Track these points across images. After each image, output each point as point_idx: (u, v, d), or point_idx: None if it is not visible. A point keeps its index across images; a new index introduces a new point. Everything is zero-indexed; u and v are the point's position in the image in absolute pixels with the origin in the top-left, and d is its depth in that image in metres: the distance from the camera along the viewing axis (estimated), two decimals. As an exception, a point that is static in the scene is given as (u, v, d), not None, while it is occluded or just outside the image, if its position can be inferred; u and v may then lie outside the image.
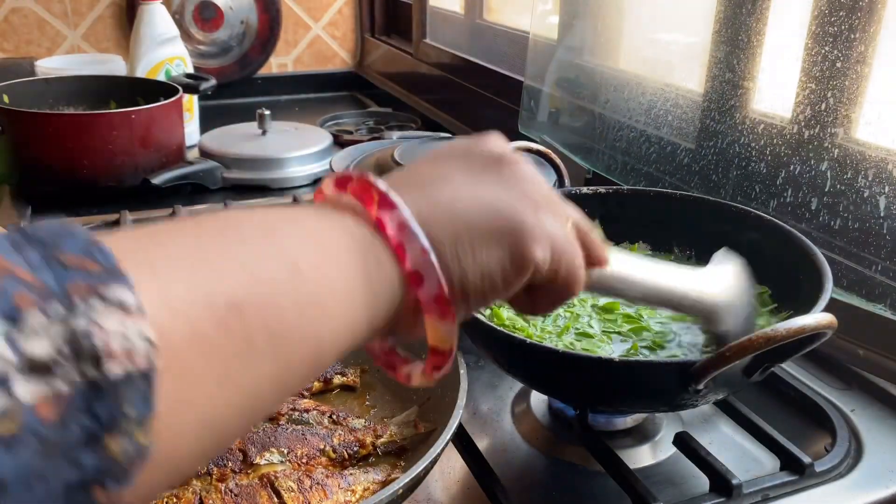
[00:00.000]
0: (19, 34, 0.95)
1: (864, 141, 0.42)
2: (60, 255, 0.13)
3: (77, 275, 0.13)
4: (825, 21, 0.43)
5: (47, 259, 0.13)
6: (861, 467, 0.34)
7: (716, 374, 0.28)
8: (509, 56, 0.81)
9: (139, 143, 0.66)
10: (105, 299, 0.13)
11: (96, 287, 0.13)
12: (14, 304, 0.12)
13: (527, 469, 0.36)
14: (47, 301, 0.13)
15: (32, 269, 0.13)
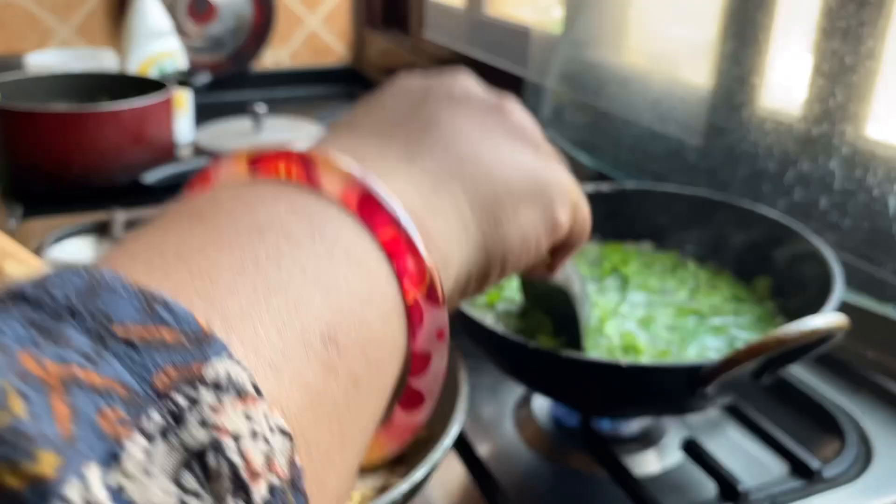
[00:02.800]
0: (9, 29, 0.94)
1: (874, 139, 0.42)
2: (118, 329, 0.09)
3: (157, 355, 0.09)
4: (834, 16, 0.42)
5: (103, 339, 0.09)
6: (871, 472, 0.34)
7: (725, 377, 0.27)
8: (511, 51, 0.80)
9: (131, 140, 0.65)
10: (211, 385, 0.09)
11: (191, 369, 0.09)
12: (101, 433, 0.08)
13: (529, 476, 0.35)
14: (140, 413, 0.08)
15: (93, 362, 0.09)
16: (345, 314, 0.12)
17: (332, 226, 0.13)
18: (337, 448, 0.12)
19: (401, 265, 0.14)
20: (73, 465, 0.07)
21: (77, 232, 0.56)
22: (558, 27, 0.67)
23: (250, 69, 1.06)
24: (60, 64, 0.82)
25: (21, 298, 0.09)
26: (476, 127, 0.18)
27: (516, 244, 0.18)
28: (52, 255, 0.53)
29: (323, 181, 0.14)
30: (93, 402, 0.08)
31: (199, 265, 0.11)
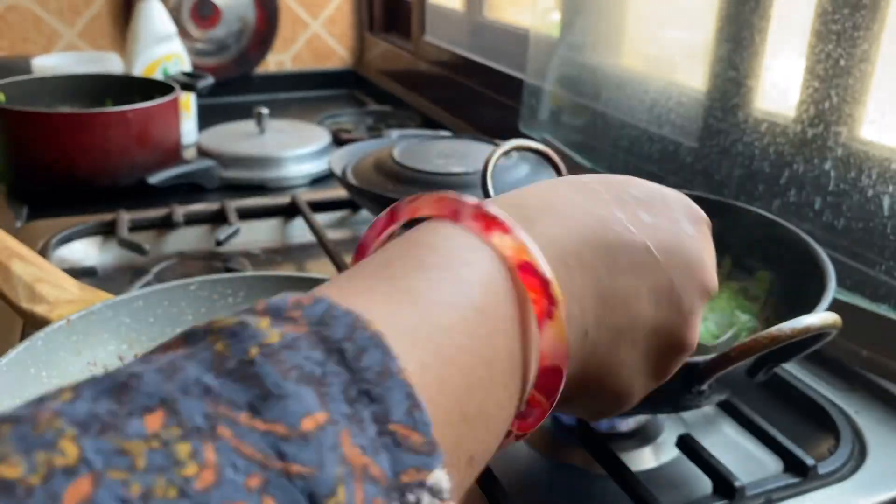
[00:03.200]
0: (15, 32, 0.95)
1: (868, 140, 0.42)
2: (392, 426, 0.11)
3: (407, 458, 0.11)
4: (829, 19, 0.43)
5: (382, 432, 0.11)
6: (865, 469, 0.34)
7: (720, 374, 0.28)
8: (510, 54, 0.81)
9: (136, 142, 0.66)
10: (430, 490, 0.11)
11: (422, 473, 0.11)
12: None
13: (528, 471, 0.35)
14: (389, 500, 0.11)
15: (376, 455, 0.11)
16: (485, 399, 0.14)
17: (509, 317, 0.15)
18: None
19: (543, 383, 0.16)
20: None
21: (82, 232, 0.57)
22: (556, 31, 0.68)
23: (253, 72, 1.06)
24: (66, 67, 0.83)
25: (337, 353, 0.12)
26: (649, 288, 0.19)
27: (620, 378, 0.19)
28: (57, 255, 0.54)
29: None
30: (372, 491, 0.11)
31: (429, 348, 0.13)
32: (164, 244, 0.59)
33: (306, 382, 0.11)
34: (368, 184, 0.55)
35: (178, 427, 0.09)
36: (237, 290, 0.38)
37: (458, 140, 0.63)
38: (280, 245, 0.61)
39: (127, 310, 0.36)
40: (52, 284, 0.38)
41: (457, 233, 0.16)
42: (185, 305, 0.37)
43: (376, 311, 0.13)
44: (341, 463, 0.10)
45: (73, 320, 0.33)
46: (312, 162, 0.73)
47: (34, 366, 0.32)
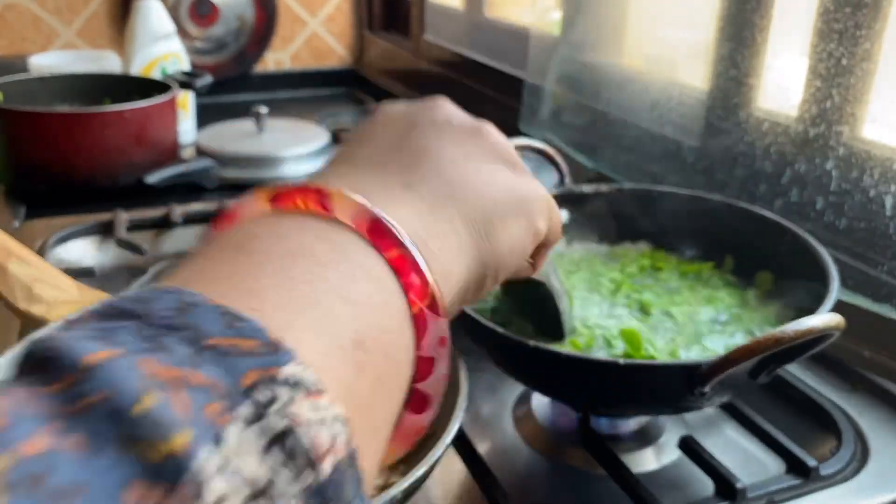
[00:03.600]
0: (13, 31, 0.94)
1: (870, 139, 0.42)
2: (208, 341, 0.11)
3: (241, 361, 0.11)
4: (830, 18, 0.42)
5: (198, 350, 0.11)
6: (867, 470, 0.34)
7: (722, 376, 0.28)
8: (511, 53, 0.81)
9: (134, 142, 0.65)
10: (285, 383, 0.11)
11: (269, 371, 0.11)
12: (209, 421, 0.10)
13: (528, 473, 0.35)
14: (235, 406, 0.11)
15: (195, 367, 0.11)
16: (368, 323, 0.14)
17: (351, 249, 0.16)
18: (368, 438, 0.14)
19: (407, 281, 0.16)
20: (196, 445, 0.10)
21: (80, 232, 0.57)
22: (557, 29, 0.68)
23: (252, 71, 1.06)
24: (64, 66, 0.82)
25: (128, 315, 0.12)
26: (461, 152, 0.20)
27: (506, 253, 0.20)
28: (55, 255, 0.54)
29: (336, 212, 0.16)
30: (200, 397, 0.11)
31: (249, 288, 0.13)
32: (162, 244, 0.59)
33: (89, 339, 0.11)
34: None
35: None
36: (236, 290, 0.38)
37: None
38: (279, 245, 0.61)
39: (125, 310, 0.35)
40: (49, 285, 0.38)
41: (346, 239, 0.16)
42: (183, 306, 0.37)
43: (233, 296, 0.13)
44: (144, 378, 0.10)
45: (70, 321, 0.33)
46: (312, 161, 0.73)
47: (31, 367, 0.32)
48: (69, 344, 0.11)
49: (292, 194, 0.16)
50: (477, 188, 0.20)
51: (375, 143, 0.20)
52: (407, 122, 0.21)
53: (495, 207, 0.20)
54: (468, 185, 0.19)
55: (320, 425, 0.11)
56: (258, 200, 0.17)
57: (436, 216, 0.18)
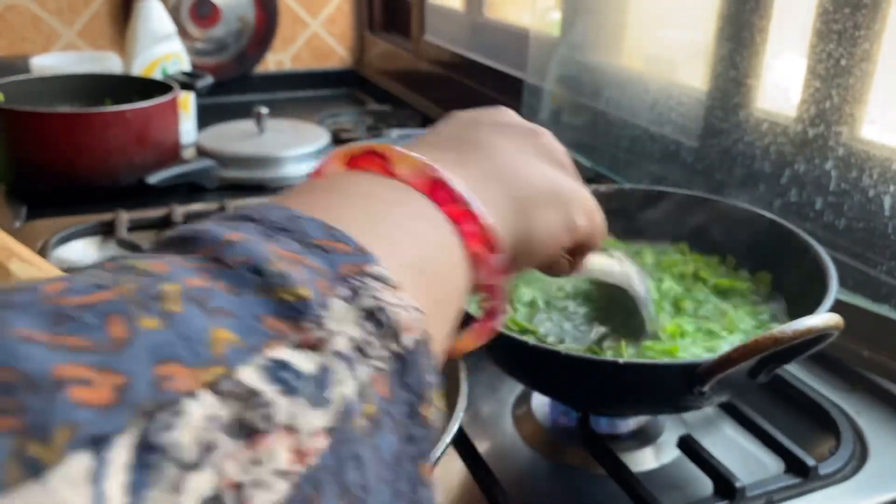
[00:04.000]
0: (14, 31, 0.95)
1: (869, 140, 0.42)
2: (314, 241, 0.14)
3: (338, 256, 0.14)
4: (829, 18, 0.43)
5: (306, 245, 0.14)
6: (866, 469, 0.34)
7: (721, 375, 0.28)
8: (510, 53, 0.81)
9: (135, 142, 0.65)
10: (372, 276, 0.14)
11: (360, 266, 0.14)
12: (321, 292, 0.13)
13: (528, 472, 0.35)
14: (336, 285, 0.13)
15: (305, 255, 0.14)
16: (427, 255, 0.17)
17: (413, 199, 0.19)
18: (434, 345, 0.16)
19: (464, 228, 0.19)
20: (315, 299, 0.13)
21: (81, 232, 0.57)
22: (557, 30, 0.68)
23: (252, 71, 1.06)
24: (65, 66, 0.82)
25: (248, 219, 0.15)
26: (513, 146, 0.23)
27: (540, 236, 0.22)
28: (56, 255, 0.54)
29: (399, 172, 0.19)
30: (311, 274, 0.13)
31: (333, 216, 0.16)
32: (163, 244, 0.59)
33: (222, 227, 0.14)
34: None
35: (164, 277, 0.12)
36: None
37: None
38: (280, 245, 0.61)
39: (126, 310, 0.35)
40: (51, 285, 0.38)
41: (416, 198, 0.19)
42: (184, 306, 0.37)
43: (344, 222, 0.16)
44: (271, 254, 0.13)
45: (72, 321, 0.33)
46: (312, 162, 0.73)
47: (33, 367, 0.32)
48: (208, 227, 0.14)
49: (368, 157, 0.19)
50: (522, 175, 0.22)
51: (439, 134, 0.23)
52: (470, 120, 0.24)
53: (537, 194, 0.22)
54: (514, 171, 0.22)
55: (402, 308, 0.14)
56: (337, 161, 0.20)
57: (483, 188, 0.20)
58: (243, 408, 0.10)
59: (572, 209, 0.23)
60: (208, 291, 0.12)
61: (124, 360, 0.10)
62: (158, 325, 0.11)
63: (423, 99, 0.97)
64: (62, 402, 0.09)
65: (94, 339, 0.10)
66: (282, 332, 0.12)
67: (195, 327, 0.11)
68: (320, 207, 0.16)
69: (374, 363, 0.13)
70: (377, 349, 0.13)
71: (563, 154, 0.24)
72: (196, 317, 0.11)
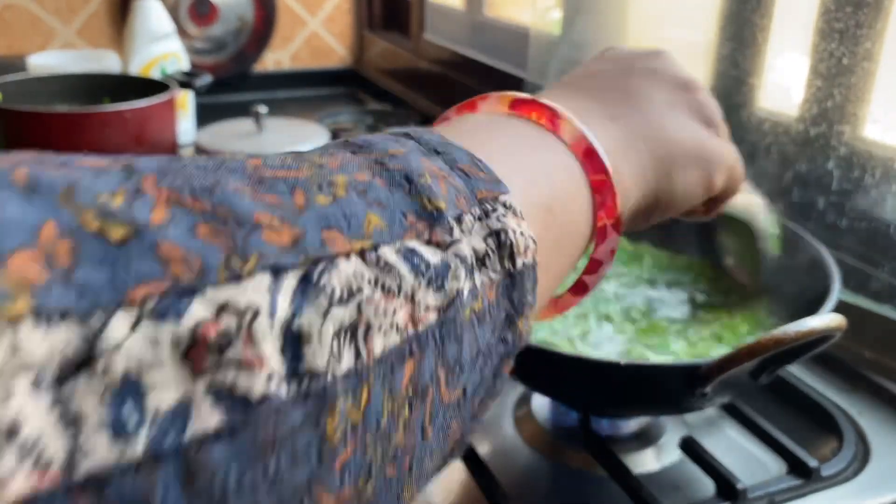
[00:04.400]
0: (12, 30, 0.94)
1: (872, 139, 0.42)
2: (459, 165, 0.16)
3: (478, 182, 0.16)
4: (831, 17, 0.42)
5: (453, 167, 0.16)
6: (868, 470, 0.34)
7: (723, 377, 0.27)
8: (511, 52, 0.80)
9: (133, 141, 0.65)
10: (503, 204, 0.16)
11: (495, 193, 0.16)
12: (458, 207, 0.15)
13: (529, 474, 0.35)
14: (471, 205, 0.16)
15: (452, 175, 0.16)
16: (560, 199, 0.19)
17: (563, 155, 0.20)
18: (546, 271, 0.18)
19: (601, 200, 0.20)
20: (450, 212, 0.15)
21: (79, 232, 0.57)
22: (557, 29, 0.68)
23: (251, 70, 1.06)
24: (63, 65, 0.82)
25: (409, 136, 0.17)
26: (665, 99, 0.23)
27: (679, 194, 0.23)
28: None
29: (562, 132, 0.20)
30: (453, 191, 0.15)
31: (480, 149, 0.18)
32: (162, 244, 0.58)
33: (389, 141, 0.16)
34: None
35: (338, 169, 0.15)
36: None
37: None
38: (279, 245, 0.61)
39: (124, 311, 0.35)
40: (48, 285, 0.38)
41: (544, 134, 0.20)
42: (182, 306, 0.37)
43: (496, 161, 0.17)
44: (424, 169, 0.15)
45: (69, 322, 0.33)
46: (311, 161, 0.73)
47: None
48: (379, 139, 0.16)
49: (530, 106, 0.20)
50: (669, 133, 0.22)
51: (596, 78, 0.24)
52: (627, 63, 0.24)
53: (682, 154, 0.23)
54: (663, 128, 0.22)
55: (521, 235, 0.16)
56: (500, 103, 0.21)
57: (629, 146, 0.21)
58: (381, 273, 0.13)
59: (713, 169, 0.23)
60: (368, 185, 0.14)
61: (303, 219, 0.13)
62: (329, 202, 0.13)
63: (422, 98, 0.96)
64: (257, 237, 0.12)
65: (284, 200, 0.13)
66: (419, 230, 0.14)
67: (355, 209, 0.14)
68: (473, 139, 0.18)
69: (488, 273, 0.15)
70: (493, 262, 0.15)
71: (715, 111, 0.24)
72: (356, 202, 0.14)
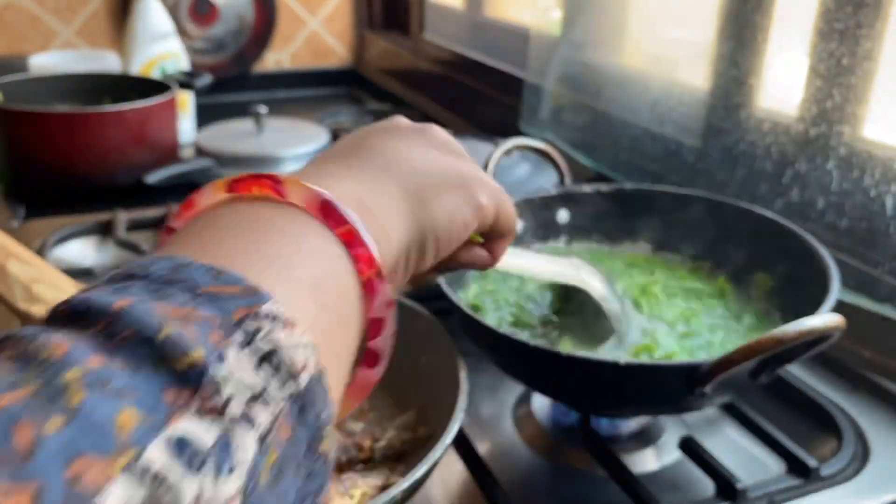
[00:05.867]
0: (12, 30, 0.94)
1: (871, 139, 0.42)
2: (202, 289, 0.14)
3: (229, 301, 0.14)
4: (831, 17, 0.42)
5: (195, 296, 0.14)
6: (868, 470, 0.34)
7: (723, 376, 0.28)
8: (511, 52, 0.80)
9: (133, 141, 0.65)
10: (266, 316, 0.14)
11: (252, 308, 0.14)
12: (213, 344, 0.13)
13: (529, 474, 0.35)
14: (230, 332, 0.14)
15: (195, 307, 0.14)
16: (323, 271, 0.17)
17: (304, 221, 0.18)
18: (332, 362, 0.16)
19: (356, 253, 0.18)
20: (207, 359, 0.13)
21: (79, 232, 0.57)
22: (557, 29, 0.68)
23: (251, 70, 1.06)
24: (63, 65, 0.82)
25: (134, 277, 0.15)
26: (403, 142, 0.23)
27: (444, 221, 0.22)
28: (54, 255, 0.54)
29: (289, 196, 0.18)
30: (204, 328, 0.13)
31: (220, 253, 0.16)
32: (162, 244, 0.58)
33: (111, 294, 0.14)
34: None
35: None
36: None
37: (459, 139, 0.62)
38: (279, 245, 0.61)
39: (124, 311, 0.35)
40: (49, 285, 0.38)
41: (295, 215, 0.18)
42: (183, 306, 0.37)
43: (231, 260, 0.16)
44: (161, 317, 0.13)
45: (69, 322, 0.33)
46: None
47: (30, 368, 0.32)
48: (97, 298, 0.14)
49: (248, 182, 0.19)
50: (413, 164, 0.22)
51: (334, 147, 0.23)
52: (362, 131, 0.24)
53: (430, 179, 0.22)
54: (404, 161, 0.22)
55: (296, 348, 0.14)
56: (215, 190, 0.19)
57: (376, 184, 0.21)
58: (155, 490, 0.11)
59: (473, 188, 0.22)
60: (108, 372, 0.12)
61: (35, 468, 0.10)
62: (64, 423, 0.11)
63: (422, 98, 0.96)
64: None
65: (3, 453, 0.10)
66: (183, 403, 0.12)
67: (100, 415, 0.11)
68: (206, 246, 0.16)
69: (272, 409, 0.13)
70: (275, 393, 0.14)
71: (455, 143, 0.24)
72: (100, 403, 0.11)
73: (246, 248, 0.16)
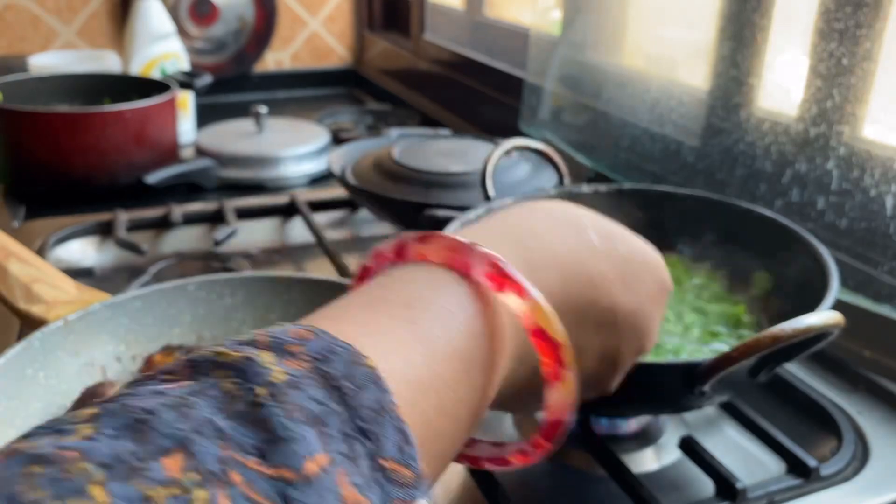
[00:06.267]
0: (12, 30, 0.94)
1: (871, 139, 0.42)
2: (384, 462, 0.13)
3: (395, 491, 0.13)
4: (831, 17, 0.42)
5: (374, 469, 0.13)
6: (868, 470, 0.34)
7: (722, 374, 0.28)
8: (510, 52, 0.81)
9: (133, 141, 0.65)
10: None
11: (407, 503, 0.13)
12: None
13: (528, 474, 0.35)
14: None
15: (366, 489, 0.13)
16: None
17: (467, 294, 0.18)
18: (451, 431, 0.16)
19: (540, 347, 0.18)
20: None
21: (79, 232, 0.57)
22: (557, 29, 0.68)
23: (252, 71, 1.06)
24: (63, 65, 0.82)
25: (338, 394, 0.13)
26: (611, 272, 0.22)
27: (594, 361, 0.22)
28: (54, 255, 0.54)
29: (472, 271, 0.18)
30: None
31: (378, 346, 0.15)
32: (161, 244, 0.59)
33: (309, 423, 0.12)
34: (368, 183, 0.55)
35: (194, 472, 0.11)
36: (235, 290, 0.38)
37: (458, 139, 0.63)
38: (279, 245, 0.61)
39: (125, 310, 0.35)
40: (49, 285, 0.38)
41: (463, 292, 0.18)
42: (183, 306, 0.37)
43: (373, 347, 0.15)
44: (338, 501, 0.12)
45: (70, 321, 0.33)
46: (311, 161, 0.73)
47: (31, 367, 0.32)
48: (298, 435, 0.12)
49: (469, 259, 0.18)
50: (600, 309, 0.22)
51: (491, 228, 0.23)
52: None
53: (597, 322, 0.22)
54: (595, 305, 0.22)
55: None
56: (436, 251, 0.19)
57: None
58: None
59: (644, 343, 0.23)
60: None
61: None
62: None
63: (422, 98, 0.96)
64: None
65: None
66: None
67: None
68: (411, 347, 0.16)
69: None
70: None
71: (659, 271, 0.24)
72: None
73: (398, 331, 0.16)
